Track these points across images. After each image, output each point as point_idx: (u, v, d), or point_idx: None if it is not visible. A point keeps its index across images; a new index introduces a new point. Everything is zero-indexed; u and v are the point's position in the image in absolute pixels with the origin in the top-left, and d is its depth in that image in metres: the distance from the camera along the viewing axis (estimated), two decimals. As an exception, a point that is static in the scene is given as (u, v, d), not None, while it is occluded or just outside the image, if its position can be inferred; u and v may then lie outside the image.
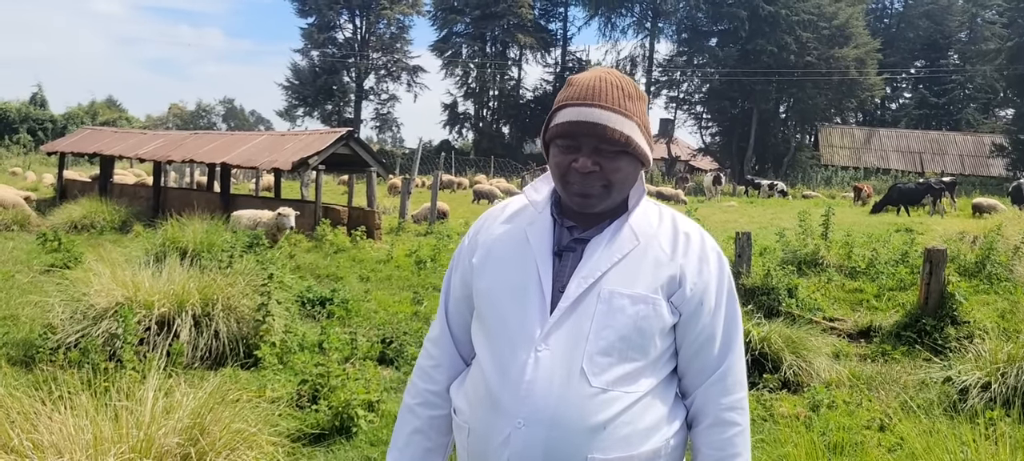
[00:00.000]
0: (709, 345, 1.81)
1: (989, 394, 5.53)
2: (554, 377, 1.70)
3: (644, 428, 1.74)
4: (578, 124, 1.73)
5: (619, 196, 1.80)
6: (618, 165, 1.75)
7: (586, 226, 1.82)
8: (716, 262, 1.82)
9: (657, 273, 1.76)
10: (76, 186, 20.64)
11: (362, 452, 4.84)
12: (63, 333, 6.29)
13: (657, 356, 1.78)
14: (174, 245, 10.18)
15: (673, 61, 60.48)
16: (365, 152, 16.34)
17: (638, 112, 1.78)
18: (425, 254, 11.99)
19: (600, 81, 1.77)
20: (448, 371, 1.98)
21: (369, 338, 7.39)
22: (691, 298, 1.77)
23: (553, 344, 1.72)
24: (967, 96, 61.11)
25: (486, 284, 1.85)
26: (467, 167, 48.74)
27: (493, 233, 1.91)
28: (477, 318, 1.90)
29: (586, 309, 1.73)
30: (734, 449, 1.80)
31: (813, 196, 36.04)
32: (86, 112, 55.60)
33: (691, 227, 1.85)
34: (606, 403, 1.70)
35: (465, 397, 1.88)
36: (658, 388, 1.78)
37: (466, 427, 1.84)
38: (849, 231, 13.60)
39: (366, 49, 65.13)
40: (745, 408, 1.84)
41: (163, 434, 3.55)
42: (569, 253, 1.81)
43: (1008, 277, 10.10)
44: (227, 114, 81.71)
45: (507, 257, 1.84)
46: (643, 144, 1.78)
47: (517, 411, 1.71)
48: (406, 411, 2.02)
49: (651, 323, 1.74)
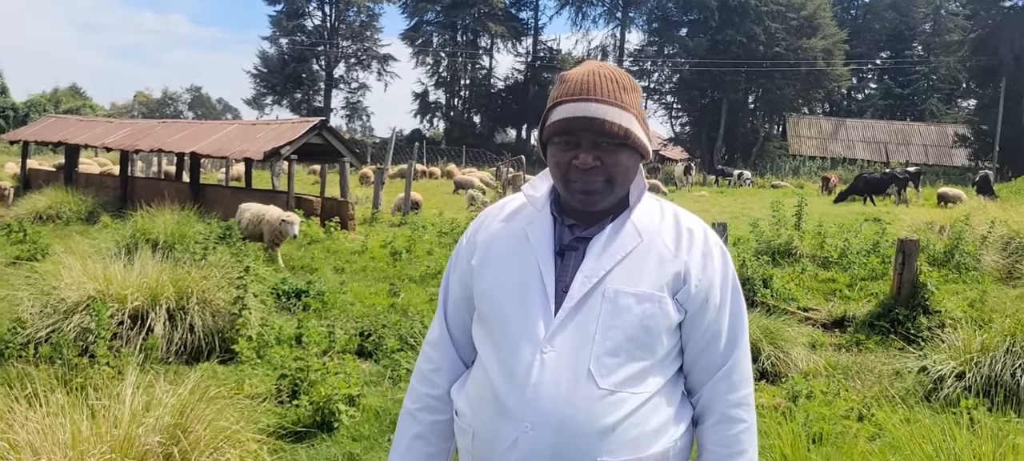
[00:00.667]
0: (715, 341, 1.78)
1: (964, 383, 5.61)
2: (561, 379, 1.67)
3: (653, 429, 1.72)
4: (576, 120, 1.70)
5: (621, 191, 1.77)
6: (619, 159, 1.72)
7: (587, 224, 1.79)
8: (720, 257, 1.80)
9: (662, 270, 1.73)
10: (40, 176, 20.26)
11: (344, 448, 4.79)
12: (33, 328, 6.14)
13: (664, 355, 1.75)
14: (145, 236, 10.01)
15: (644, 51, 60.75)
16: (338, 142, 16.19)
17: (634, 103, 1.75)
18: (400, 245, 11.92)
19: (594, 75, 1.74)
20: (448, 374, 1.94)
21: (347, 331, 7.32)
22: (696, 295, 1.74)
23: (559, 345, 1.69)
24: (931, 87, 62.07)
25: (487, 285, 1.81)
26: (439, 157, 48.57)
27: (492, 233, 1.87)
28: (478, 320, 1.86)
29: (591, 309, 1.70)
30: (740, 446, 1.79)
31: (782, 186, 36.40)
32: (49, 100, 54.55)
33: (694, 222, 1.82)
34: (614, 405, 1.67)
35: (467, 400, 1.83)
36: (665, 387, 1.76)
37: (470, 431, 1.80)
38: (820, 221, 13.76)
39: (336, 37, 64.57)
40: (751, 404, 1.82)
41: (144, 433, 3.48)
42: (571, 252, 1.77)
43: (976, 266, 10.28)
44: (194, 102, 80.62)
45: (507, 257, 1.81)
46: (641, 135, 1.75)
47: (524, 415, 1.67)
48: (407, 416, 1.97)
49: (658, 322, 1.71)
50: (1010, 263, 10.49)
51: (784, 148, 53.86)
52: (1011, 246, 10.91)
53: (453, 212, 18.30)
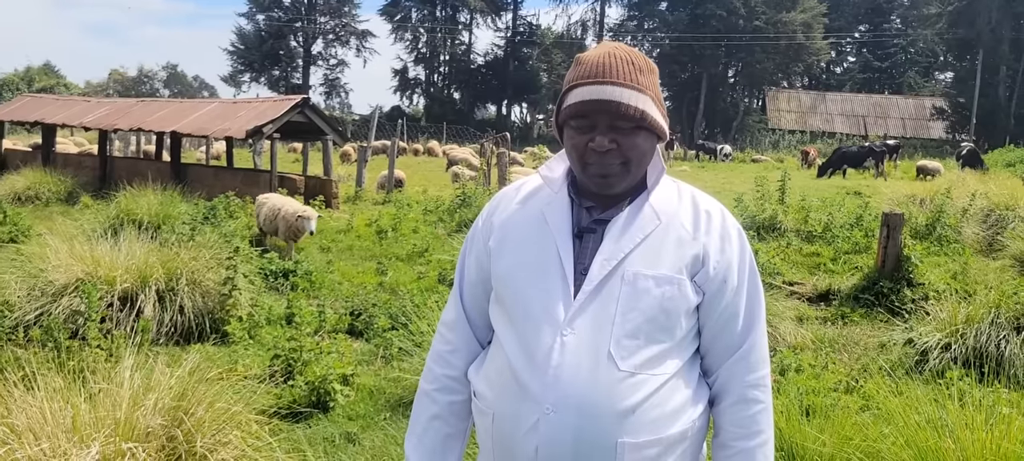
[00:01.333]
0: (732, 323, 1.79)
1: (949, 354, 5.71)
2: (582, 362, 1.68)
3: (672, 410, 1.73)
4: (591, 103, 1.70)
5: (638, 173, 1.77)
6: (635, 141, 1.72)
7: (605, 206, 1.79)
8: (737, 239, 1.80)
9: (680, 253, 1.74)
10: (17, 156, 19.94)
11: (341, 427, 4.82)
12: (21, 311, 6.09)
13: (682, 337, 1.76)
14: (129, 217, 9.92)
15: (624, 25, 60.69)
16: (321, 120, 16.08)
17: (650, 85, 1.74)
18: (385, 223, 11.90)
19: (610, 57, 1.72)
20: (465, 355, 1.94)
21: (336, 310, 7.33)
22: (714, 277, 1.75)
23: (579, 328, 1.69)
24: (908, 60, 62.52)
25: (505, 267, 1.81)
26: (419, 134, 48.36)
27: (509, 214, 1.87)
28: (496, 301, 1.86)
29: (611, 291, 1.71)
30: (757, 426, 1.80)
31: (762, 160, 36.59)
32: (22, 78, 53.69)
33: (712, 204, 1.83)
34: (635, 386, 1.68)
35: (487, 382, 1.84)
36: (683, 369, 1.77)
37: (490, 413, 1.80)
38: (803, 195, 13.88)
39: (313, 13, 63.92)
40: (768, 386, 1.83)
41: (145, 415, 3.47)
42: (589, 234, 1.78)
43: (957, 239, 10.41)
44: (170, 79, 79.65)
45: (525, 239, 1.80)
46: (658, 117, 1.74)
47: (545, 397, 1.68)
48: (424, 397, 1.98)
49: (677, 304, 1.72)
50: (990, 235, 10.63)
51: (764, 122, 54.11)
52: (991, 218, 11.06)
53: (437, 189, 18.25)
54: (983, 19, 47.19)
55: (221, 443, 3.59)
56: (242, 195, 13.41)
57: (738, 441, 1.80)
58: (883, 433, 3.84)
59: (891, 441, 3.71)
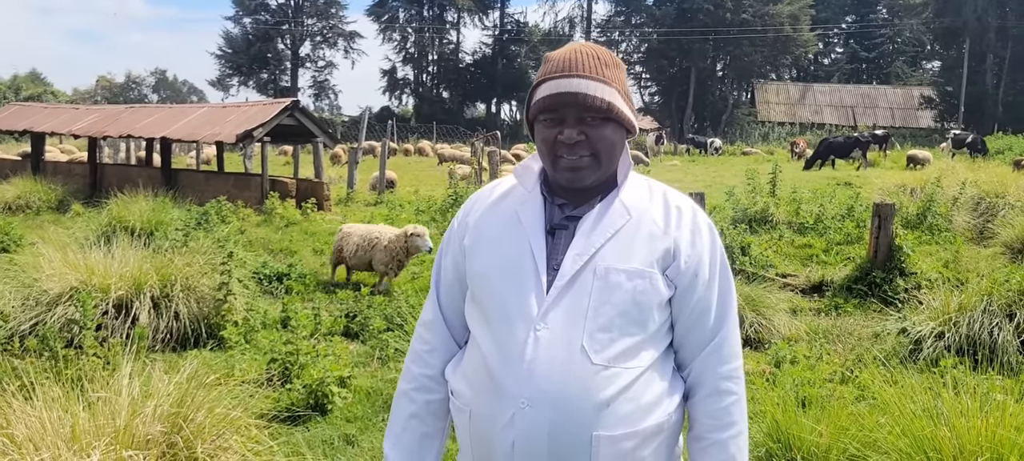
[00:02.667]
0: (705, 316, 1.82)
1: (943, 343, 5.75)
2: (555, 356, 1.70)
3: (647, 403, 1.75)
4: (559, 96, 1.74)
5: (608, 167, 1.80)
6: (603, 133, 1.76)
7: (577, 203, 1.82)
8: (708, 234, 1.83)
9: (652, 247, 1.77)
10: (6, 165, 19.84)
11: (339, 429, 4.82)
12: (16, 321, 6.08)
13: (656, 330, 1.79)
14: (121, 224, 9.89)
15: (611, 21, 60.71)
16: (311, 122, 16.05)
17: (617, 79, 1.78)
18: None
19: (576, 53, 1.78)
20: (442, 354, 1.97)
21: (331, 313, 7.34)
22: (686, 271, 1.78)
23: (552, 322, 1.72)
24: (896, 49, 62.74)
25: (480, 266, 1.85)
26: (409, 134, 48.30)
27: (483, 214, 1.91)
28: (472, 300, 1.89)
29: (583, 286, 1.74)
30: (730, 418, 1.82)
31: (752, 152, 36.68)
32: (8, 87, 53.37)
33: (682, 200, 1.86)
34: (609, 379, 1.71)
35: (464, 380, 1.86)
36: (658, 362, 1.80)
37: (467, 410, 1.83)
38: (794, 187, 13.92)
39: (300, 15, 63.74)
40: (741, 377, 1.85)
41: (145, 422, 3.48)
42: (561, 231, 1.81)
43: (948, 227, 10.48)
44: (158, 85, 79.35)
45: (499, 237, 1.84)
46: (626, 110, 1.78)
47: (520, 392, 1.71)
48: (402, 396, 2.00)
49: (649, 297, 1.75)
50: (981, 223, 10.71)
51: (753, 115, 54.22)
52: (981, 206, 11.14)
53: (429, 189, 18.26)
54: (969, 8, 47.42)
55: (221, 448, 3.59)
56: (233, 199, 13.41)
57: (712, 433, 1.82)
58: (879, 423, 3.88)
59: (887, 431, 3.74)
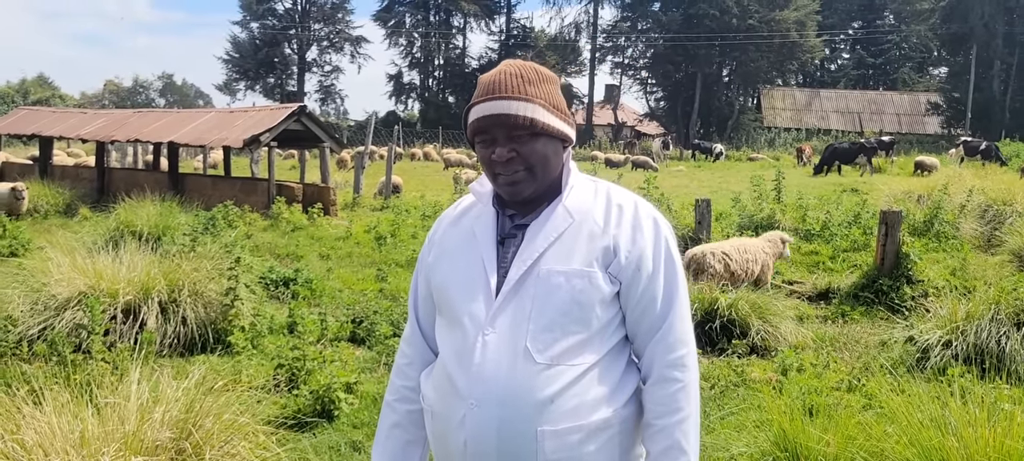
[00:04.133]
0: (651, 307, 1.88)
1: (950, 352, 5.73)
2: (501, 357, 1.81)
3: (593, 399, 1.83)
4: (485, 119, 1.85)
5: (545, 177, 1.89)
6: (534, 147, 1.85)
7: (526, 213, 1.92)
8: (651, 228, 1.90)
9: (591, 247, 1.86)
10: (14, 169, 19.94)
11: (346, 435, 4.83)
12: (25, 326, 6.11)
13: (600, 327, 1.86)
14: (128, 229, 9.93)
15: (617, 27, 60.69)
16: (317, 127, 16.10)
17: (541, 94, 1.86)
18: (384, 230, 11.91)
19: (500, 74, 1.88)
20: (420, 367, 2.09)
21: (338, 318, 7.35)
22: (627, 266, 1.86)
23: (499, 326, 1.83)
24: (902, 56, 62.57)
25: (440, 279, 1.98)
26: (415, 138, 48.35)
27: (446, 231, 2.05)
28: (438, 312, 2.02)
29: (527, 290, 1.84)
30: (676, 404, 1.87)
31: (758, 158, 36.63)
32: (17, 91, 53.63)
33: (624, 198, 1.94)
34: (552, 378, 1.80)
35: (431, 385, 1.99)
36: (605, 359, 1.87)
37: (431, 411, 1.97)
38: (800, 193, 13.90)
39: (307, 20, 63.89)
40: (688, 366, 1.90)
41: (153, 428, 3.49)
42: (511, 240, 1.92)
43: (955, 235, 10.45)
44: (165, 89, 79.61)
45: (457, 251, 1.97)
46: (554, 122, 1.87)
47: (470, 392, 1.82)
48: (386, 407, 2.14)
49: (589, 295, 1.83)
50: (988, 231, 10.67)
51: (759, 121, 54.15)
52: (988, 214, 11.11)
53: (434, 193, 18.28)
54: (976, 14, 47.29)
55: (229, 455, 3.60)
56: (240, 204, 13.44)
57: (659, 419, 1.87)
58: (886, 432, 3.87)
59: (895, 440, 3.73)
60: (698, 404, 1.92)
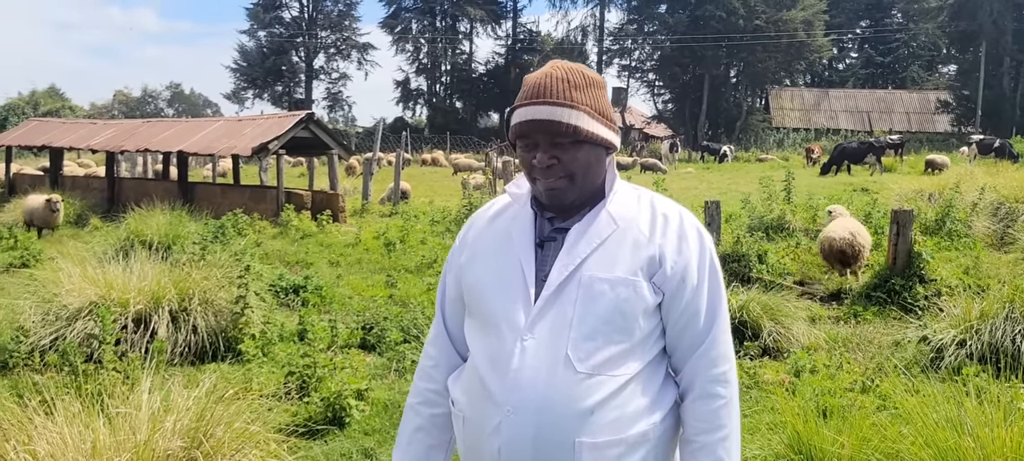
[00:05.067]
0: (694, 320, 1.84)
1: (965, 351, 5.68)
2: (541, 364, 1.75)
3: (633, 411, 1.78)
4: (528, 123, 1.81)
5: (588, 184, 1.85)
6: (576, 155, 1.80)
7: (565, 216, 1.87)
8: (696, 240, 1.86)
9: (636, 255, 1.81)
10: (25, 180, 20.06)
11: (357, 442, 4.82)
12: (36, 336, 6.13)
13: (643, 337, 1.82)
14: (139, 238, 9.96)
15: (624, 29, 60.64)
16: (325, 134, 16.14)
17: (587, 100, 1.82)
18: (393, 236, 11.92)
19: (546, 78, 1.82)
20: (446, 369, 2.04)
21: (348, 325, 7.34)
22: (672, 276, 1.81)
23: (538, 332, 1.78)
24: (911, 54, 62.29)
25: (473, 280, 1.92)
26: (423, 144, 48.42)
27: (479, 232, 1.99)
28: (468, 314, 1.97)
29: (568, 296, 1.78)
30: (718, 421, 1.84)
31: (767, 159, 36.53)
32: (27, 102, 53.90)
33: (669, 207, 1.90)
34: (593, 387, 1.75)
35: (462, 389, 1.94)
36: (645, 370, 1.83)
37: (461, 417, 1.91)
38: (810, 194, 13.85)
39: (314, 28, 64.13)
40: (730, 381, 1.87)
41: (164, 438, 3.48)
42: (550, 243, 1.86)
43: (967, 233, 10.38)
44: (173, 98, 79.96)
45: (492, 252, 1.91)
46: (598, 130, 1.82)
47: (506, 399, 1.76)
48: (408, 410, 2.09)
49: (633, 305, 1.78)
50: (1001, 229, 10.60)
51: (767, 121, 54.01)
52: (1001, 211, 11.03)
53: (443, 199, 18.29)
54: (985, 11, 47.06)
55: (241, 463, 3.60)
56: (249, 212, 13.48)
57: (701, 435, 1.84)
58: (901, 433, 3.84)
59: (910, 441, 3.70)
60: (739, 421, 1.89)
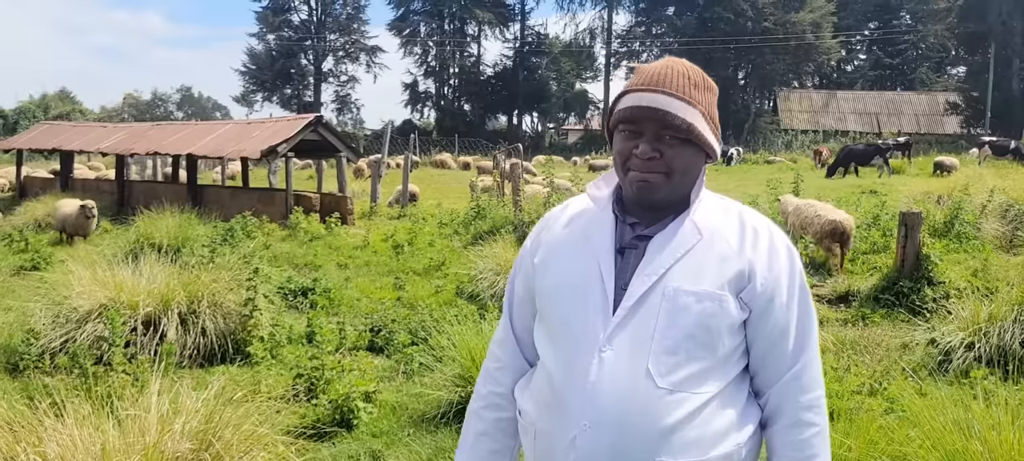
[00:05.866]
0: (782, 342, 1.75)
1: (973, 354, 5.67)
2: (620, 378, 1.66)
3: (715, 431, 1.69)
4: (640, 109, 1.70)
5: (681, 187, 1.75)
6: (680, 153, 1.71)
7: (649, 223, 1.77)
8: (786, 256, 1.76)
9: (723, 268, 1.71)
10: (36, 183, 20.18)
11: (365, 444, 4.83)
12: (47, 338, 6.17)
13: (726, 355, 1.72)
14: (148, 241, 10.02)
15: (632, 31, 60.71)
16: (334, 137, 16.19)
17: (704, 102, 1.74)
18: (401, 238, 11.95)
19: (667, 68, 1.74)
20: (512, 373, 1.97)
21: (356, 327, 7.37)
22: (761, 293, 1.72)
23: (617, 344, 1.69)
24: (920, 55, 62.12)
25: (548, 283, 1.83)
26: (431, 146, 48.50)
27: (555, 233, 1.89)
28: (540, 319, 1.88)
29: (650, 308, 1.69)
30: (812, 450, 1.75)
31: (776, 161, 36.46)
32: (38, 106, 54.14)
33: (759, 221, 1.80)
34: (674, 405, 1.66)
35: (531, 399, 1.85)
36: (729, 388, 1.74)
37: (532, 429, 1.82)
38: (818, 196, 13.80)
39: (323, 31, 64.36)
40: (823, 407, 1.78)
41: (174, 440, 3.51)
42: (631, 250, 1.76)
43: (976, 235, 10.33)
44: (183, 101, 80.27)
45: (569, 256, 1.81)
46: (707, 134, 1.73)
47: (583, 413, 1.67)
48: (472, 415, 2.02)
49: (718, 320, 1.69)
50: (1010, 231, 10.56)
51: (776, 123, 53.91)
52: (1010, 214, 10.98)
53: (451, 201, 18.31)
54: (994, 12, 46.86)
55: (249, 465, 3.62)
56: (258, 214, 13.52)
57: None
58: (909, 436, 3.83)
59: (917, 444, 3.69)
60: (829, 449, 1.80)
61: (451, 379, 5.27)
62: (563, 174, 20.23)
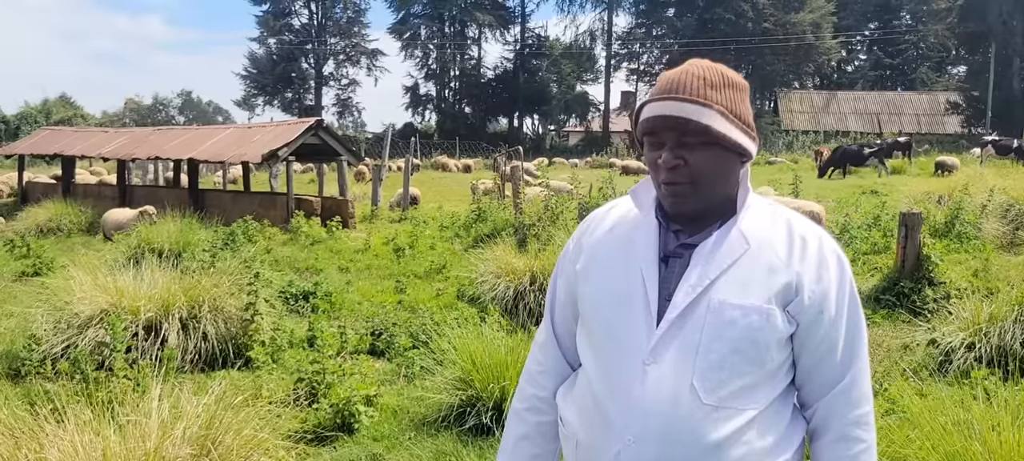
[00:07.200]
0: (831, 355, 1.71)
1: (974, 354, 5.67)
2: (664, 393, 1.63)
3: (762, 448, 1.65)
4: (656, 120, 1.68)
5: (713, 193, 1.70)
6: (703, 157, 1.66)
7: (693, 231, 1.73)
8: (836, 266, 1.70)
9: (771, 281, 1.66)
10: (38, 188, 20.20)
11: (366, 448, 4.84)
12: (48, 344, 6.17)
13: (774, 369, 1.68)
14: (149, 246, 10.02)
15: (632, 33, 60.78)
16: (335, 141, 16.20)
17: (722, 99, 1.68)
18: (402, 241, 11.95)
19: (683, 74, 1.70)
20: (554, 376, 1.95)
21: (357, 331, 7.37)
22: (810, 306, 1.66)
23: (661, 358, 1.65)
24: (920, 55, 62.14)
25: (590, 290, 1.80)
26: (432, 149, 48.53)
27: (597, 238, 1.85)
28: (582, 325, 1.86)
29: (695, 321, 1.65)
30: None
31: (777, 162, 36.46)
32: (40, 111, 54.20)
33: (808, 229, 1.73)
34: (720, 421, 1.62)
35: (573, 407, 1.83)
36: (775, 403, 1.70)
37: (574, 439, 1.80)
38: (818, 196, 13.82)
39: (324, 35, 64.48)
40: (871, 423, 1.74)
41: (174, 445, 3.52)
42: (676, 259, 1.72)
43: (977, 235, 10.33)
44: (184, 106, 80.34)
45: (612, 262, 1.78)
46: (731, 133, 1.66)
47: (627, 427, 1.65)
48: (514, 416, 2.00)
49: (765, 335, 1.64)
50: (1011, 231, 10.55)
51: (776, 124, 53.93)
52: (1011, 213, 10.97)
53: (452, 204, 18.32)
54: (994, 12, 46.88)
55: (250, 470, 3.62)
56: (259, 218, 13.54)
57: None
58: (909, 437, 3.83)
59: (917, 446, 3.69)
60: None
61: (452, 382, 5.27)
62: (563, 176, 20.23)
